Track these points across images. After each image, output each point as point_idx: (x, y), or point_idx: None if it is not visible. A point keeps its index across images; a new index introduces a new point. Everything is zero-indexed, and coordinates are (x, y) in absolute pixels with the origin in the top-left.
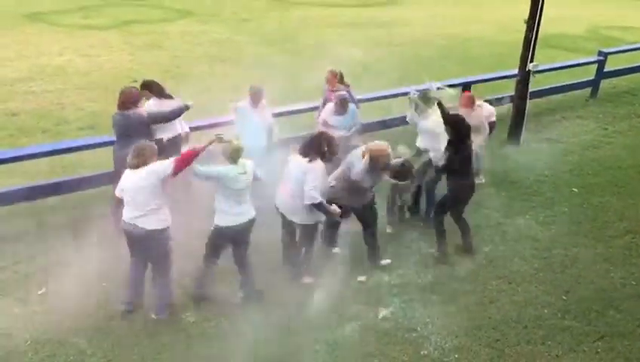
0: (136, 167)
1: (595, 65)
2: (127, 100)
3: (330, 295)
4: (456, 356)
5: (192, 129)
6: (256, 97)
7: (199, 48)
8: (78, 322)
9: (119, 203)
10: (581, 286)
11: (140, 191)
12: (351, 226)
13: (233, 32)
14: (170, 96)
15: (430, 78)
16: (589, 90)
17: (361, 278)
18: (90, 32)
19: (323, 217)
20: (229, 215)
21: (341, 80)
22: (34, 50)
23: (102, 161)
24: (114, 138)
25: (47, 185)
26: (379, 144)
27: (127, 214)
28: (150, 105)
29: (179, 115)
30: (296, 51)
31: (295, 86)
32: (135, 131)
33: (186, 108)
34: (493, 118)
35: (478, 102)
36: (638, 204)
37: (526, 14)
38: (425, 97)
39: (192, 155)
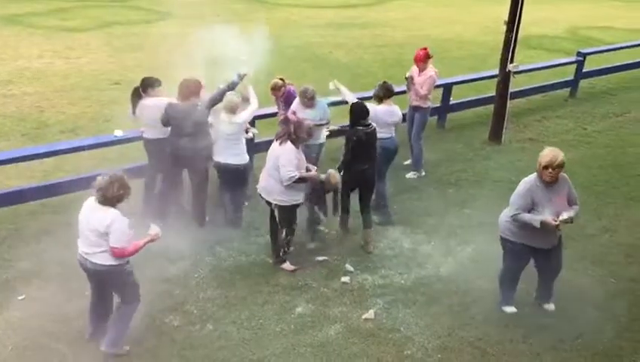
0: (104, 203)
1: (574, 66)
2: (189, 91)
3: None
4: (439, 356)
5: None
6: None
7: (180, 50)
8: (59, 327)
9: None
10: (561, 284)
11: (94, 232)
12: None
13: (215, 34)
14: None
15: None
16: (568, 90)
17: (345, 279)
18: (69, 34)
19: (300, 199)
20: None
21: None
22: (12, 53)
23: (83, 164)
24: (95, 141)
25: (27, 189)
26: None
27: (81, 247)
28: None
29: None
30: (280, 53)
31: None
32: (196, 123)
33: (240, 78)
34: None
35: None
36: (617, 202)
37: (507, 15)
38: None
39: (132, 252)
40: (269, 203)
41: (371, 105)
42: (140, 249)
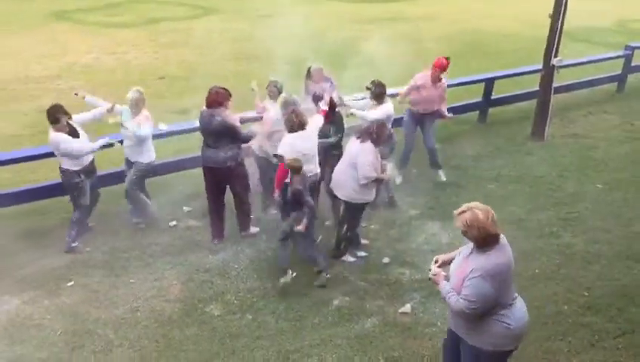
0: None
1: (622, 60)
2: (211, 100)
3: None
4: None
5: None
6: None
7: (224, 45)
8: (105, 313)
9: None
10: (603, 282)
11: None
12: None
13: (259, 29)
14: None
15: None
16: (615, 84)
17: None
18: (116, 29)
19: (370, 198)
20: None
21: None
22: (62, 49)
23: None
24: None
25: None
26: None
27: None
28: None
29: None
30: (323, 48)
31: None
32: (216, 132)
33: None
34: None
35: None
36: None
37: (551, 8)
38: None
39: None
40: (336, 197)
41: (388, 107)
42: None
